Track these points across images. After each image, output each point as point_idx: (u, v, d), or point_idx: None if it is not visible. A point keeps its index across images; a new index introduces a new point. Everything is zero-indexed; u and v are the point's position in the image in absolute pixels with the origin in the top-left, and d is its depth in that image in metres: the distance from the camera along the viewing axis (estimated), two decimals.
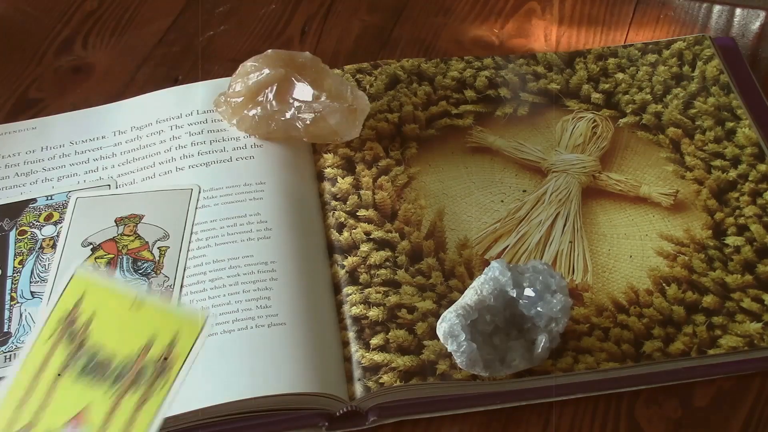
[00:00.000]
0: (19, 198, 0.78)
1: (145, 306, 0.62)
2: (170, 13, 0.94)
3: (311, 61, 0.80)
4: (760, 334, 0.68)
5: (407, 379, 0.66)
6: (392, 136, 0.81)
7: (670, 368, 0.68)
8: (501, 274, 0.65)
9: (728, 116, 0.81)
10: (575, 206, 0.76)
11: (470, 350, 0.63)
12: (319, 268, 0.73)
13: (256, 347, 0.67)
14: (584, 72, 0.86)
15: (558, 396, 0.67)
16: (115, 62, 0.90)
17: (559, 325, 0.65)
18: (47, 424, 0.58)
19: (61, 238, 0.75)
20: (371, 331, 0.69)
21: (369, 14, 0.94)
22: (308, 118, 0.78)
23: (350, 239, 0.74)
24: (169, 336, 0.60)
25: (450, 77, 0.85)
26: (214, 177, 0.78)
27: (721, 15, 0.92)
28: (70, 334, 0.60)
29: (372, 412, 0.66)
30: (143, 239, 0.74)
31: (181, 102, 0.84)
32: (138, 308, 0.62)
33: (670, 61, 0.86)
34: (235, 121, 0.80)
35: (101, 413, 0.58)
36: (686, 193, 0.77)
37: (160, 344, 0.60)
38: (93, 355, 0.60)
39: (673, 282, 0.71)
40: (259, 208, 0.76)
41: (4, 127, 0.84)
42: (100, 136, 0.82)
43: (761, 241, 0.73)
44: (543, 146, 0.81)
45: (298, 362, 0.67)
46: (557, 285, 0.65)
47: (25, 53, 0.91)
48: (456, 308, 0.65)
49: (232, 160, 0.79)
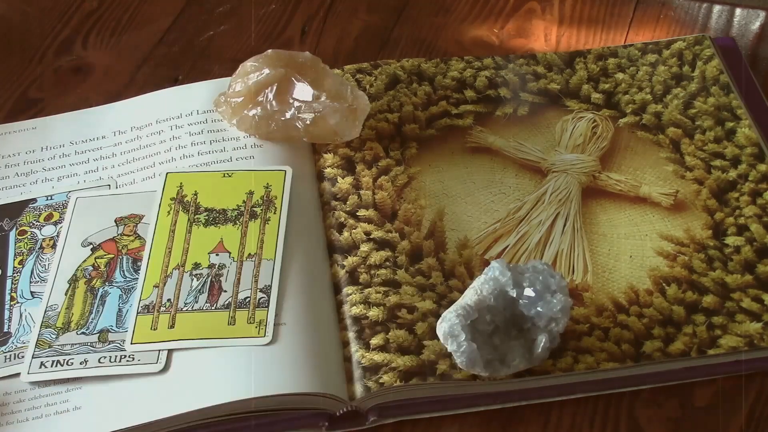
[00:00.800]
0: (19, 198, 0.78)
1: (235, 174, 0.77)
2: (170, 13, 0.94)
3: (311, 61, 0.80)
4: (760, 334, 0.68)
5: (407, 379, 0.66)
6: (392, 136, 0.81)
7: (670, 368, 0.68)
8: (501, 274, 0.65)
9: (728, 116, 0.81)
10: (575, 206, 0.76)
11: (470, 350, 0.63)
12: (319, 268, 0.73)
13: (257, 347, 0.67)
14: (584, 72, 0.86)
15: (558, 396, 0.67)
16: (115, 62, 0.90)
17: (559, 325, 0.65)
18: (194, 257, 0.72)
19: (61, 238, 0.75)
20: (371, 331, 0.69)
21: (369, 14, 0.94)
22: (308, 118, 0.78)
23: (350, 239, 0.74)
24: (262, 187, 0.76)
25: (450, 77, 0.85)
26: None
27: (721, 15, 0.92)
28: (183, 206, 0.74)
29: (372, 412, 0.66)
30: (143, 239, 0.74)
31: (181, 102, 0.84)
32: (229, 177, 0.77)
33: (670, 61, 0.86)
34: (235, 121, 0.80)
35: (235, 240, 0.73)
36: (686, 193, 0.77)
37: (257, 193, 0.75)
38: (210, 210, 0.75)
39: (673, 282, 0.71)
40: None
41: (4, 127, 0.84)
42: (100, 136, 0.82)
43: (761, 241, 0.73)
44: (543, 146, 0.81)
45: (298, 362, 0.67)
46: (557, 285, 0.65)
47: (25, 53, 0.91)
48: (456, 308, 0.65)
49: (232, 160, 0.79)
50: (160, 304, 0.70)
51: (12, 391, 0.67)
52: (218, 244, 0.73)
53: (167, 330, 0.68)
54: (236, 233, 0.74)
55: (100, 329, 0.69)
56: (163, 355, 0.67)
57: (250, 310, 0.69)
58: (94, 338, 0.69)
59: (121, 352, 0.67)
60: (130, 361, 0.67)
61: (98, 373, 0.67)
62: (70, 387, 0.67)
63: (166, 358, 0.67)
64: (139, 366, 0.67)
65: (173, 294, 0.70)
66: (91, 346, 0.68)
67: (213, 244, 0.73)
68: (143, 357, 0.67)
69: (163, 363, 0.67)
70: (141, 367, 0.67)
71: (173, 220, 0.74)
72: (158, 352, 0.67)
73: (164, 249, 0.73)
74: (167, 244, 0.73)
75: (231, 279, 0.71)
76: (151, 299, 0.70)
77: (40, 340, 0.69)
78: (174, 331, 0.68)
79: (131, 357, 0.67)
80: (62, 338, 0.69)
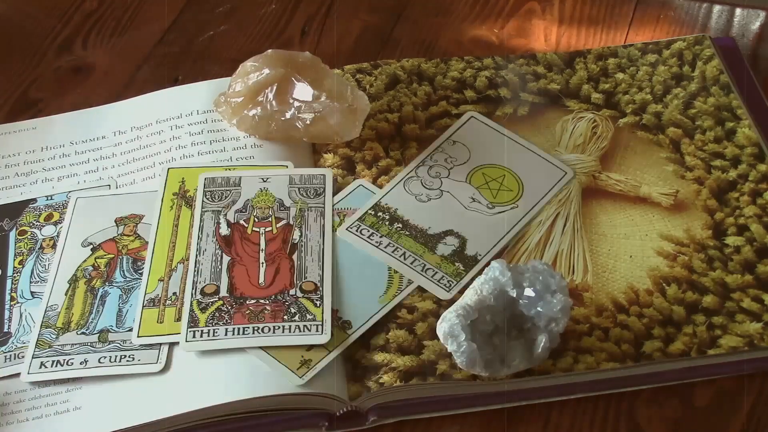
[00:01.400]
0: (19, 198, 0.78)
1: (236, 170, 0.77)
2: (170, 13, 0.94)
3: (311, 61, 0.80)
4: (760, 334, 0.68)
5: (407, 379, 0.66)
6: (392, 136, 0.81)
7: (670, 368, 0.68)
8: (501, 274, 0.65)
9: (728, 116, 0.81)
10: (575, 206, 0.76)
11: (470, 350, 0.63)
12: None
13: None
14: (584, 72, 0.86)
15: (558, 396, 0.67)
16: (115, 62, 0.90)
17: (559, 325, 0.65)
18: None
19: (61, 238, 0.75)
20: (371, 331, 0.69)
21: (369, 14, 0.94)
22: (308, 118, 0.78)
23: None
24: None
25: (450, 77, 0.85)
26: None
27: (721, 15, 0.92)
28: (186, 201, 0.75)
29: (372, 412, 0.66)
30: (143, 239, 0.74)
31: (181, 102, 0.84)
32: (231, 170, 0.77)
33: (670, 61, 0.86)
34: (235, 121, 0.80)
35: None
36: (686, 193, 0.77)
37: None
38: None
39: (673, 282, 0.71)
40: None
41: (4, 127, 0.84)
42: (100, 136, 0.82)
43: (761, 241, 0.73)
44: (543, 146, 0.81)
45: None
46: (557, 285, 0.65)
47: (25, 53, 0.91)
48: (456, 308, 0.65)
49: (232, 160, 0.79)
50: (166, 298, 0.70)
51: (12, 391, 0.67)
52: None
53: (174, 323, 0.68)
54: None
55: (100, 329, 0.69)
56: (163, 355, 0.67)
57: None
58: (94, 338, 0.69)
59: (122, 351, 0.68)
60: (130, 361, 0.67)
61: (98, 373, 0.67)
62: (70, 387, 0.67)
63: (166, 358, 0.67)
64: (140, 366, 0.67)
65: (178, 288, 0.70)
66: (91, 346, 0.68)
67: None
68: (143, 357, 0.67)
69: (163, 363, 0.67)
70: (141, 367, 0.67)
71: (176, 215, 0.75)
72: (158, 352, 0.67)
73: (168, 243, 0.73)
74: (171, 239, 0.73)
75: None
76: (157, 293, 0.70)
77: (40, 340, 0.69)
78: (180, 324, 0.68)
79: (131, 357, 0.67)
80: (62, 338, 0.69)
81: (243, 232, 0.73)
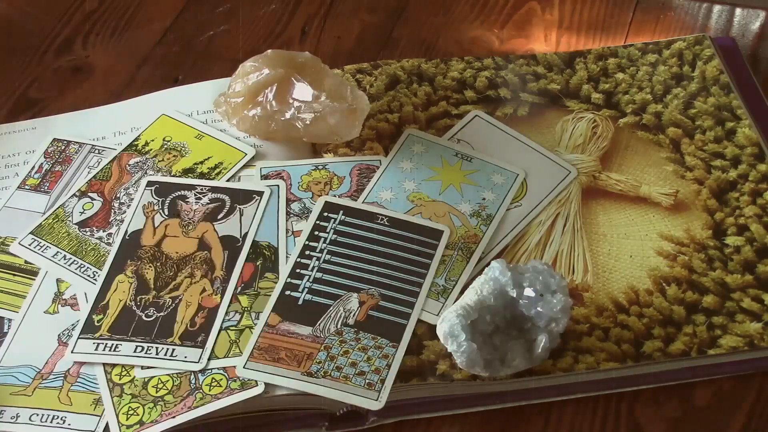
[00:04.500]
0: None
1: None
2: (170, 13, 0.94)
3: (311, 61, 0.80)
4: (760, 334, 0.68)
5: (407, 379, 0.66)
6: (392, 136, 0.81)
7: (670, 368, 0.68)
8: (501, 274, 0.65)
9: (728, 116, 0.81)
10: (575, 206, 0.76)
11: (470, 350, 0.63)
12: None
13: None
14: (584, 72, 0.86)
15: (558, 396, 0.67)
16: (115, 62, 0.90)
17: (559, 325, 0.65)
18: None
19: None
20: None
21: (369, 14, 0.94)
22: (308, 118, 0.78)
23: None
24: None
25: (450, 77, 0.85)
26: None
27: (721, 15, 0.92)
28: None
29: (372, 412, 0.66)
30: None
31: (181, 102, 0.84)
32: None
33: (670, 61, 0.86)
34: (235, 121, 0.80)
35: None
36: (686, 193, 0.77)
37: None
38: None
39: (673, 282, 0.71)
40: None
41: (4, 127, 0.84)
42: (100, 137, 0.82)
43: (761, 241, 0.73)
44: (544, 146, 0.80)
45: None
46: (557, 285, 0.65)
47: (25, 53, 0.91)
48: (456, 308, 0.65)
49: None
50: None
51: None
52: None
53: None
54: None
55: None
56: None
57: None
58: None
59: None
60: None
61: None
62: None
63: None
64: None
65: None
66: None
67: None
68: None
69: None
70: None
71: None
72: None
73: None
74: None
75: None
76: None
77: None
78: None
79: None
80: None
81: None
